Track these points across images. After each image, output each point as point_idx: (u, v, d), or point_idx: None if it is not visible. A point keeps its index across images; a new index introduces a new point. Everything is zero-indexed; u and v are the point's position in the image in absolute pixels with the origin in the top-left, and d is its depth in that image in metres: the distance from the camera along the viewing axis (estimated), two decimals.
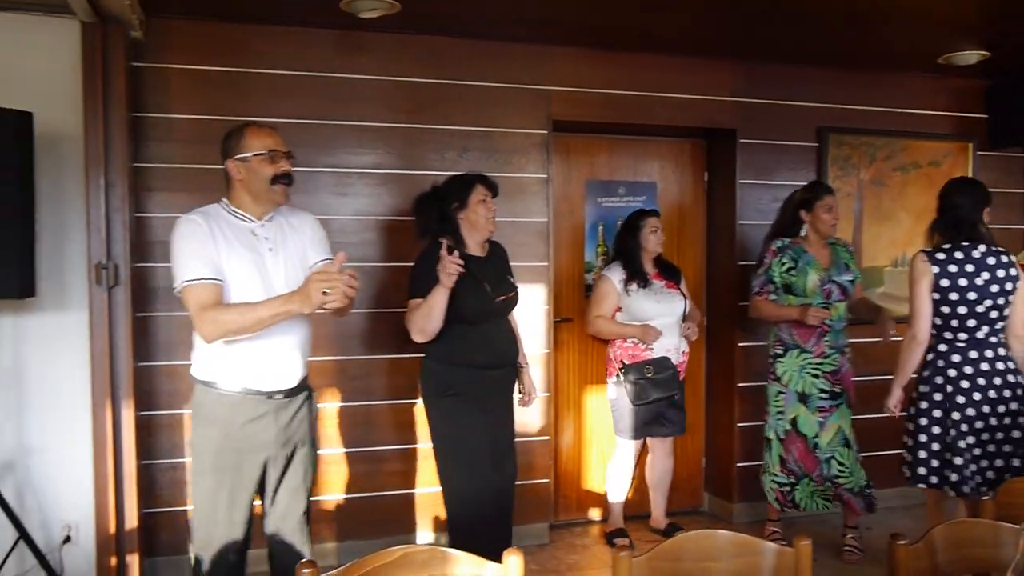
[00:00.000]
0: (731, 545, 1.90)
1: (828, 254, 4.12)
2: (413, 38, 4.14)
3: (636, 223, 4.25)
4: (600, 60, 4.43)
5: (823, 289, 4.02)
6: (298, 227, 2.90)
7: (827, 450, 4.04)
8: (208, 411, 2.74)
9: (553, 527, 4.53)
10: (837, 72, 4.81)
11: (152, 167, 3.87)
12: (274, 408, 2.75)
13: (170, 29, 3.85)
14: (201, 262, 2.63)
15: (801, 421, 4.05)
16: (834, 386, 4.05)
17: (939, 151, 5.06)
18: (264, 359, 2.72)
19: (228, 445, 2.72)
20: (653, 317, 4.17)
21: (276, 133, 2.85)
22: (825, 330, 4.01)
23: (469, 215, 3.45)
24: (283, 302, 2.57)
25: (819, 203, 4.06)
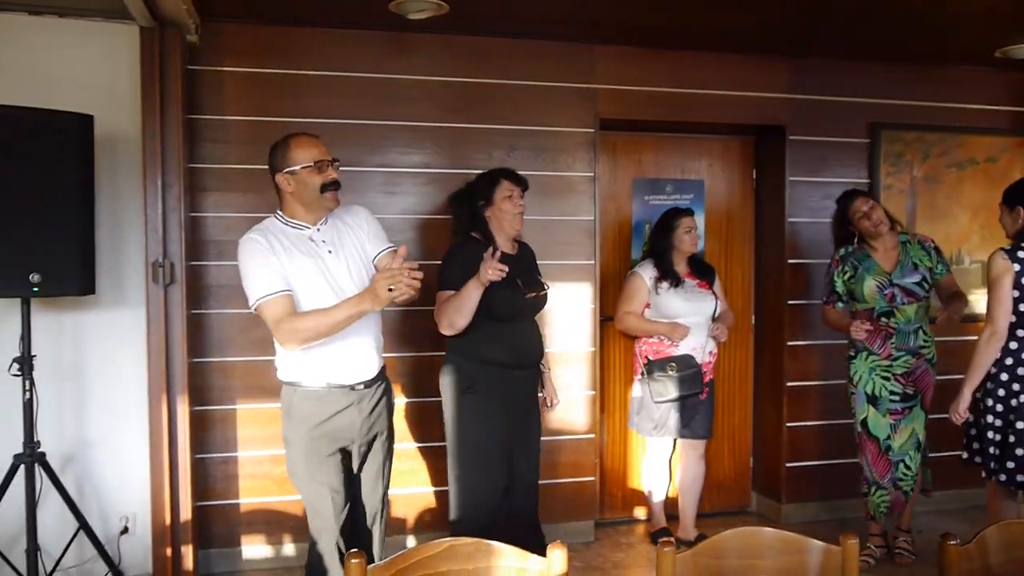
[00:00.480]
0: (777, 542, 1.89)
1: (896, 255, 4.00)
2: (461, 38, 4.18)
3: (670, 222, 4.19)
4: (647, 58, 4.42)
5: (884, 294, 3.92)
6: (353, 224, 3.00)
7: (899, 453, 3.95)
8: (296, 407, 2.88)
9: (599, 525, 4.54)
10: (889, 67, 4.73)
11: (207, 168, 3.96)
12: (357, 398, 2.88)
13: (224, 33, 3.94)
14: (268, 277, 2.75)
15: (871, 423, 3.97)
16: (906, 388, 3.94)
17: (996, 146, 4.95)
18: (343, 355, 2.85)
19: (317, 434, 2.85)
20: (682, 316, 4.11)
21: (319, 141, 2.94)
22: (891, 332, 3.92)
23: (495, 212, 3.48)
24: (355, 303, 2.69)
25: (850, 210, 4.03)
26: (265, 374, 3.99)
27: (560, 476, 4.38)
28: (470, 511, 3.40)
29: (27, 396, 3.42)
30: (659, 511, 4.40)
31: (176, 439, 3.68)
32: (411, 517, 4.27)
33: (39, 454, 3.45)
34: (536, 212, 4.29)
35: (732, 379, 4.88)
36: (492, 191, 3.49)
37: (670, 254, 4.19)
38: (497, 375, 3.41)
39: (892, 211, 4.49)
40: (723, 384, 4.85)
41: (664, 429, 4.19)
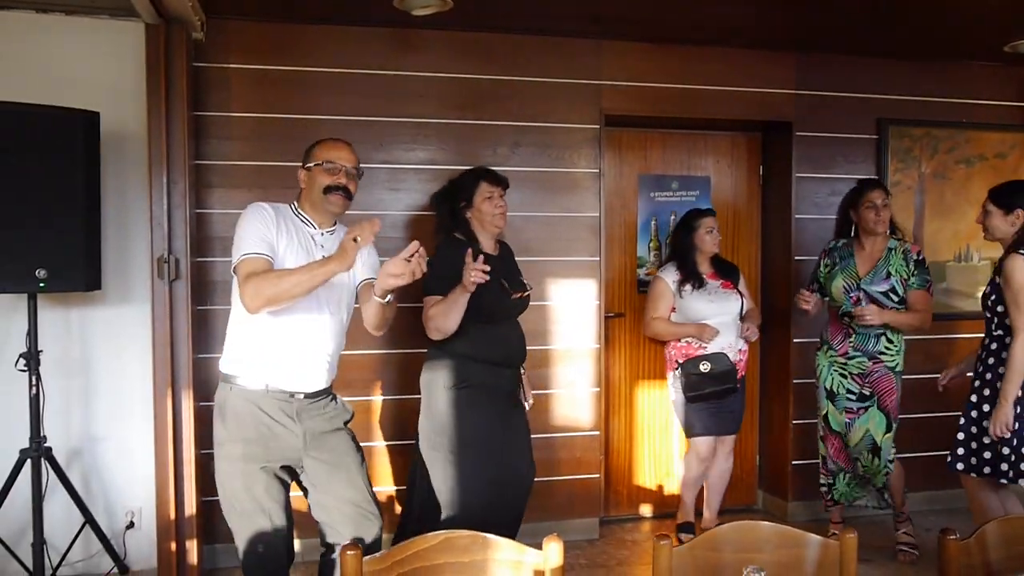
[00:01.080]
0: (775, 536, 1.89)
1: (874, 260, 3.98)
2: (466, 35, 4.18)
3: (692, 223, 4.19)
4: (652, 53, 4.41)
5: (850, 296, 3.94)
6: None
7: (854, 451, 4.01)
8: (230, 406, 2.74)
9: (604, 522, 4.52)
10: (897, 62, 4.70)
11: (212, 164, 3.97)
12: (296, 410, 2.75)
13: (230, 30, 3.95)
14: (258, 241, 2.68)
15: (831, 418, 4.04)
16: (863, 388, 3.96)
17: (1006, 142, 4.91)
18: (290, 358, 2.74)
19: (251, 438, 2.71)
20: (708, 317, 4.12)
21: (345, 148, 2.89)
22: (851, 332, 3.96)
23: (476, 213, 3.47)
24: (321, 263, 2.58)
25: (862, 200, 3.97)
26: None
27: (565, 473, 4.37)
28: (464, 507, 3.37)
29: (33, 391, 3.45)
30: (690, 506, 4.40)
31: (181, 434, 3.69)
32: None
33: (45, 449, 3.47)
34: (541, 208, 4.30)
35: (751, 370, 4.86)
36: (472, 193, 3.47)
37: (693, 255, 4.19)
38: (486, 373, 3.40)
39: (900, 207, 4.51)
40: None
41: (704, 427, 4.18)
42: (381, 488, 4.15)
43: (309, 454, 2.77)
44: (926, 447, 4.55)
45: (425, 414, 3.47)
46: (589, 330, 4.38)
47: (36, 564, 3.41)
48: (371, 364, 4.15)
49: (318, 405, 2.82)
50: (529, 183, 4.27)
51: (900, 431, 4.07)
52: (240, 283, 2.65)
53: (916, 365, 4.29)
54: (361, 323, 2.90)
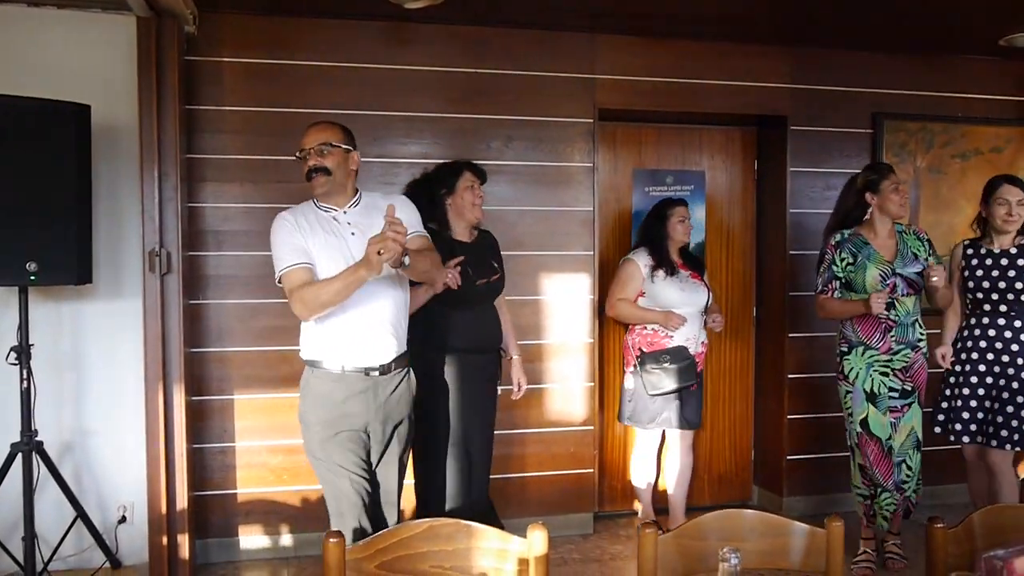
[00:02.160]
0: (760, 524, 1.88)
1: (894, 244, 3.81)
2: (459, 28, 4.17)
3: (664, 211, 4.17)
4: (647, 47, 4.40)
5: (886, 284, 3.72)
6: (383, 208, 2.93)
7: (899, 454, 3.77)
8: (312, 388, 2.93)
9: (598, 517, 4.52)
10: (893, 56, 4.69)
11: (205, 158, 3.97)
12: (372, 384, 2.90)
13: (222, 23, 3.94)
14: (290, 251, 2.85)
15: (872, 422, 3.76)
16: (905, 383, 3.76)
17: (1001, 136, 4.90)
18: (357, 338, 2.88)
19: (331, 416, 2.88)
20: (677, 306, 4.08)
21: (312, 130, 2.98)
22: (891, 325, 3.73)
23: (456, 200, 3.51)
24: (352, 270, 2.72)
25: (886, 183, 3.77)
26: (263, 364, 4.03)
27: (559, 468, 4.37)
28: (433, 499, 3.38)
29: (24, 385, 3.44)
30: (648, 503, 4.35)
31: (172, 429, 3.69)
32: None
33: (36, 443, 3.46)
34: (535, 203, 4.29)
35: (733, 372, 4.85)
36: (455, 180, 3.52)
37: (664, 243, 4.16)
38: (454, 360, 3.41)
39: None
40: (724, 376, 4.84)
41: (657, 421, 4.16)
42: None
43: (376, 435, 2.94)
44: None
45: None
46: (583, 324, 4.37)
47: (27, 558, 3.40)
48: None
49: (393, 380, 2.95)
50: (523, 177, 4.27)
51: None
52: (289, 297, 2.84)
53: None
54: None
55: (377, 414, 2.92)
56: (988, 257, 3.82)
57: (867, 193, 3.82)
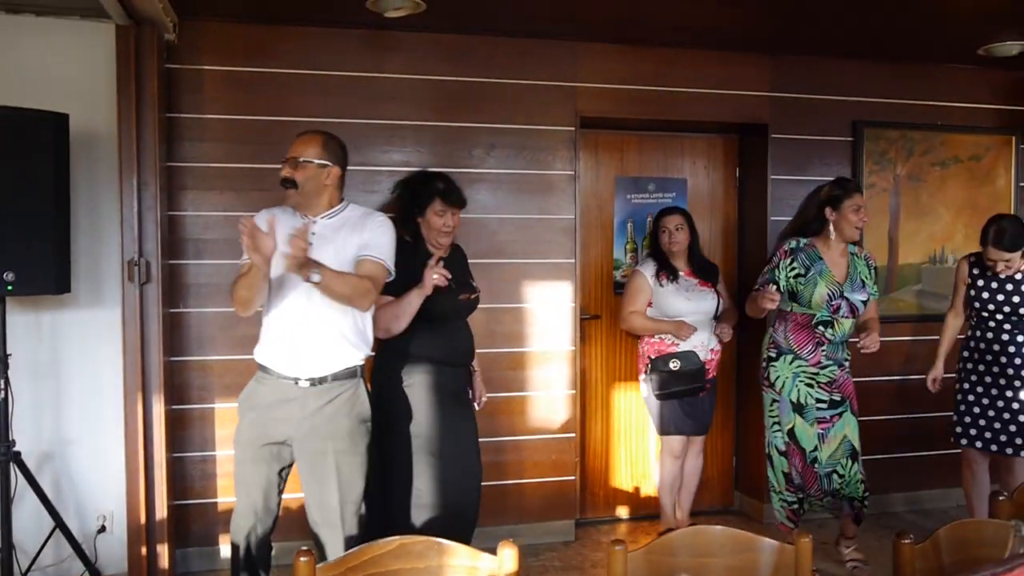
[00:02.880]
0: (730, 540, 1.89)
1: (845, 264, 3.83)
2: (440, 36, 4.17)
3: (657, 222, 4.28)
4: (628, 55, 4.41)
5: (831, 304, 3.75)
6: (359, 226, 3.03)
7: (828, 464, 3.78)
8: (250, 386, 3.01)
9: (580, 524, 4.52)
10: (873, 65, 4.72)
11: (186, 166, 3.96)
12: (300, 394, 2.89)
13: (203, 31, 3.93)
14: None
15: (799, 433, 3.78)
16: (832, 394, 3.79)
17: (980, 145, 4.94)
18: (291, 346, 2.92)
19: (254, 429, 2.94)
20: (683, 314, 4.12)
21: (296, 140, 3.06)
22: (825, 341, 3.77)
23: (426, 224, 3.51)
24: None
25: (848, 202, 3.77)
26: (244, 373, 3.96)
27: (540, 475, 4.38)
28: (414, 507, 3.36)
29: (2, 395, 3.42)
30: (671, 511, 4.34)
31: (152, 438, 3.67)
32: None
33: (14, 453, 3.44)
34: (516, 211, 4.30)
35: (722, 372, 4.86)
36: (425, 206, 3.49)
37: (662, 252, 4.23)
38: (432, 372, 3.41)
39: (876, 209, 4.57)
40: None
41: (674, 426, 4.18)
42: None
43: (301, 450, 2.93)
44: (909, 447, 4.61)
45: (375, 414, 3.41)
46: (565, 332, 4.38)
47: (5, 569, 3.38)
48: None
49: (326, 395, 2.91)
50: (504, 185, 4.28)
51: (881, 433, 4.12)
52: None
53: (895, 367, 4.30)
54: None
55: (301, 426, 2.89)
56: (994, 277, 3.95)
57: (827, 207, 3.82)
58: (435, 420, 3.39)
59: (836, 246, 3.84)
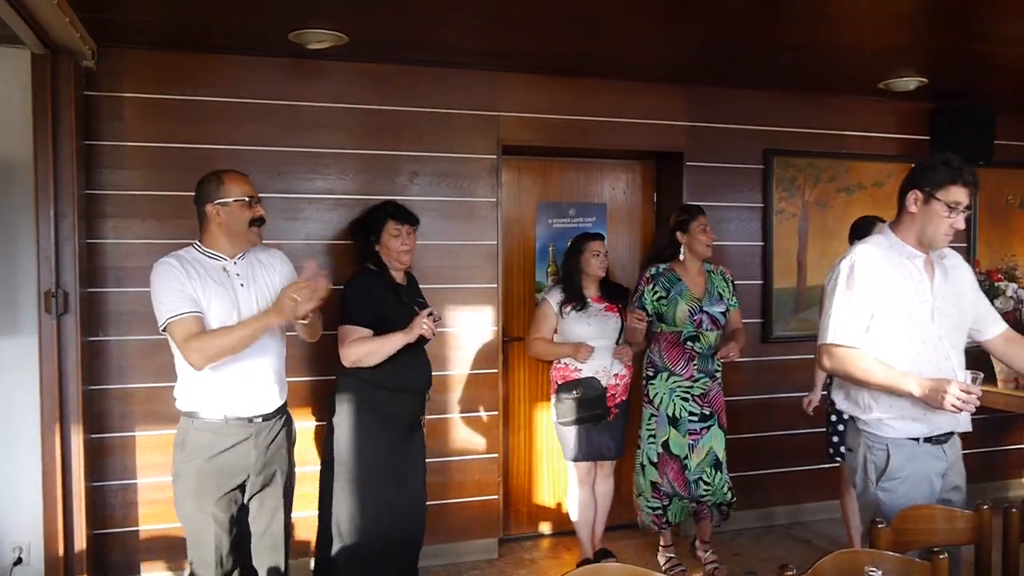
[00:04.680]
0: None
1: (703, 282, 4.17)
2: (364, 66, 4.23)
3: (579, 246, 4.26)
4: (549, 85, 4.53)
5: (694, 319, 4.08)
6: (267, 263, 3.14)
7: (695, 471, 4.10)
8: (191, 439, 2.96)
9: (503, 541, 4.63)
10: (782, 96, 4.93)
11: (106, 194, 3.94)
12: (255, 431, 2.97)
13: (123, 58, 3.92)
14: (179, 298, 2.86)
15: (672, 443, 4.11)
16: (703, 408, 4.11)
17: (883, 172, 5.19)
18: (242, 386, 2.95)
19: (210, 468, 2.93)
20: (585, 339, 4.15)
21: (249, 180, 3.09)
22: (694, 355, 4.08)
23: (383, 248, 3.62)
24: (258, 318, 2.86)
25: (694, 224, 4.12)
26: (165, 400, 3.94)
27: (464, 495, 4.47)
28: (362, 535, 3.45)
29: None
30: (586, 541, 4.33)
31: (70, 467, 3.66)
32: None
33: None
34: (440, 237, 4.37)
35: (637, 395, 5.00)
36: (380, 229, 3.63)
37: (578, 278, 4.24)
38: (391, 399, 3.51)
39: (785, 233, 4.86)
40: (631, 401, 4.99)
41: (582, 452, 4.22)
42: None
43: (254, 485, 3.01)
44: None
45: (328, 440, 3.56)
46: (488, 355, 4.48)
47: None
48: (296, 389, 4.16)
49: (274, 427, 3.04)
50: (428, 212, 4.32)
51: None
52: (180, 347, 2.85)
53: (804, 383, 4.47)
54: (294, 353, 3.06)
55: (258, 462, 2.98)
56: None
57: (678, 232, 4.16)
58: (389, 447, 3.49)
59: (692, 266, 4.19)
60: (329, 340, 3.58)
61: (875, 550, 2.27)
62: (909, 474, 2.74)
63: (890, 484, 2.74)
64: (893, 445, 2.75)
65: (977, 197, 5.25)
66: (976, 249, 5.37)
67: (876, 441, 2.78)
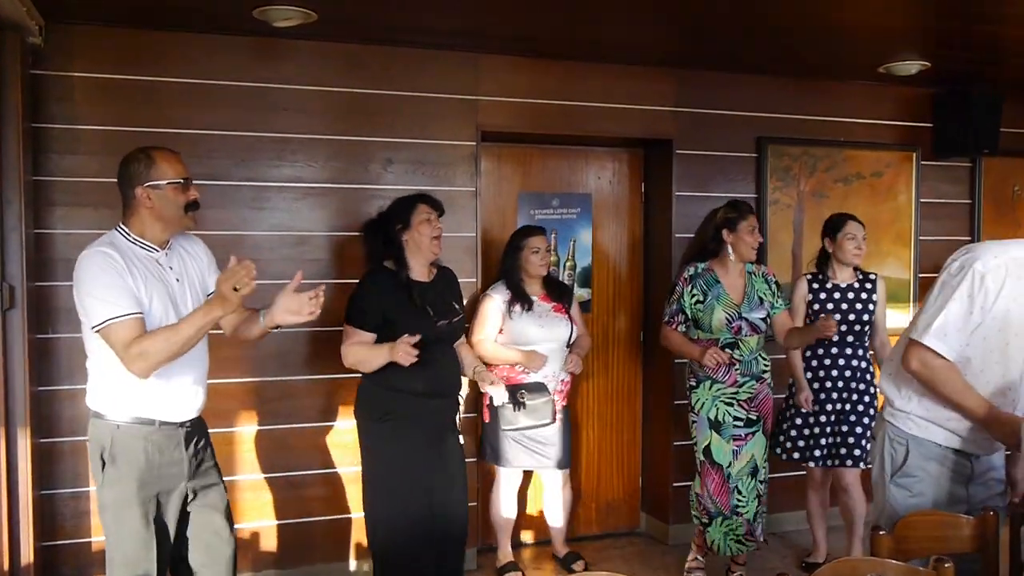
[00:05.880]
0: None
1: (742, 286, 3.87)
2: (335, 45, 3.99)
3: (518, 242, 4.02)
4: (531, 68, 4.30)
5: (732, 326, 3.80)
6: (193, 253, 2.89)
7: (734, 479, 3.84)
8: (119, 445, 2.64)
9: (481, 551, 4.39)
10: (777, 81, 4.72)
11: (55, 180, 3.70)
12: (185, 436, 2.73)
13: (73, 35, 3.68)
14: (121, 297, 2.55)
15: (715, 450, 3.83)
16: (749, 413, 3.84)
17: (882, 161, 4.98)
18: (171, 390, 2.70)
19: (144, 477, 2.65)
20: (536, 342, 3.95)
21: (181, 159, 2.77)
22: (735, 362, 3.81)
23: (413, 235, 3.42)
24: (204, 313, 2.56)
25: (743, 223, 3.81)
26: None
27: None
28: (387, 543, 3.37)
29: None
30: (506, 544, 4.22)
31: (16, 474, 3.42)
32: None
33: None
34: None
35: (621, 397, 4.81)
36: (409, 215, 3.42)
37: (518, 275, 4.03)
38: (411, 404, 3.34)
39: (780, 225, 4.65)
40: (611, 402, 4.79)
41: (516, 461, 4.04)
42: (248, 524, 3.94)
43: (190, 490, 2.76)
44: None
45: (360, 444, 3.49)
46: None
47: None
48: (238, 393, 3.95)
49: (199, 429, 2.81)
50: None
51: None
52: (119, 353, 2.53)
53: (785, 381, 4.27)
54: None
55: (190, 466, 2.74)
56: (835, 291, 4.06)
57: (724, 230, 3.86)
58: (413, 453, 3.35)
59: (733, 268, 3.89)
60: None
61: (876, 558, 2.10)
62: (926, 475, 2.56)
63: (905, 481, 2.57)
64: (914, 443, 2.57)
65: (980, 187, 5.10)
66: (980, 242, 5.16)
67: (898, 434, 2.61)
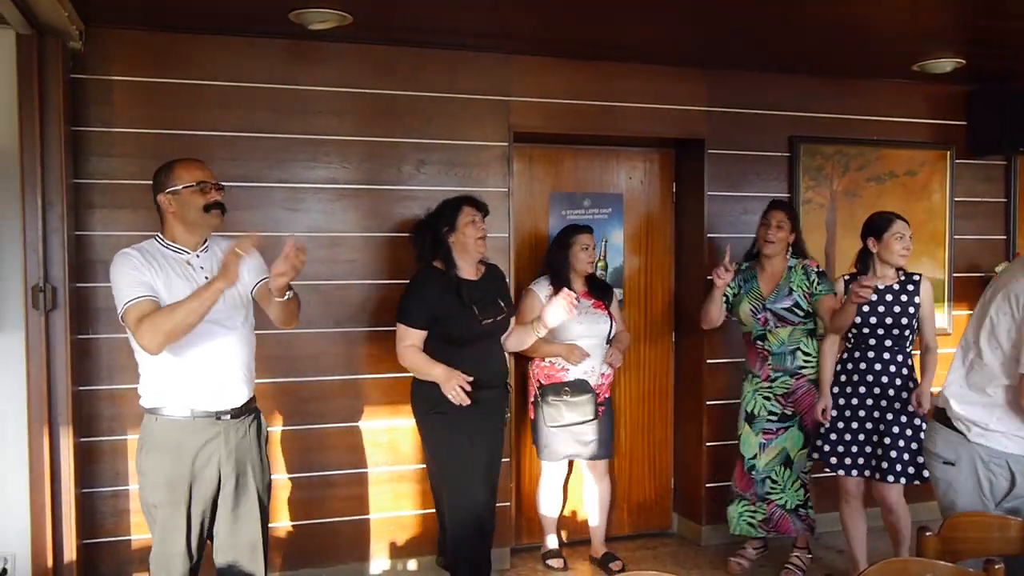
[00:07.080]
0: None
1: (777, 280, 4.01)
2: (368, 48, 4.01)
3: (567, 240, 4.09)
4: (563, 69, 4.29)
5: (757, 318, 3.97)
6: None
7: (764, 471, 3.98)
8: (157, 437, 2.78)
9: (515, 551, 4.40)
10: (809, 80, 4.68)
11: (94, 183, 3.73)
12: (223, 429, 2.80)
13: (112, 40, 3.71)
14: (136, 285, 2.73)
15: (743, 440, 4.04)
16: (785, 408, 3.96)
17: (916, 160, 4.93)
18: (208, 381, 2.79)
19: (180, 471, 2.76)
20: (576, 337, 4.01)
21: (205, 166, 2.92)
22: (766, 355, 3.98)
23: (459, 236, 3.53)
24: (207, 286, 2.68)
25: (762, 218, 4.06)
26: None
27: None
28: (457, 528, 3.51)
29: None
30: (551, 533, 4.36)
31: (59, 474, 3.48)
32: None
33: None
34: None
35: (652, 398, 4.79)
36: (455, 217, 3.54)
37: (566, 272, 4.09)
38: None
39: (812, 225, 4.60)
40: (644, 402, 4.77)
41: (559, 453, 4.12)
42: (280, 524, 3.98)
43: (226, 485, 2.82)
44: None
45: (421, 438, 3.75)
46: None
47: None
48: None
49: (243, 425, 2.87)
50: (435, 203, 4.05)
51: None
52: (133, 329, 2.69)
53: None
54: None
55: (229, 461, 2.80)
56: (873, 292, 3.78)
57: (761, 227, 4.06)
58: (466, 442, 3.46)
59: (768, 265, 4.05)
60: None
61: (925, 559, 2.08)
62: None
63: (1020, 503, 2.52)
64: (1015, 461, 2.53)
65: (1015, 185, 5.04)
66: (1015, 242, 5.09)
67: (993, 456, 2.56)
